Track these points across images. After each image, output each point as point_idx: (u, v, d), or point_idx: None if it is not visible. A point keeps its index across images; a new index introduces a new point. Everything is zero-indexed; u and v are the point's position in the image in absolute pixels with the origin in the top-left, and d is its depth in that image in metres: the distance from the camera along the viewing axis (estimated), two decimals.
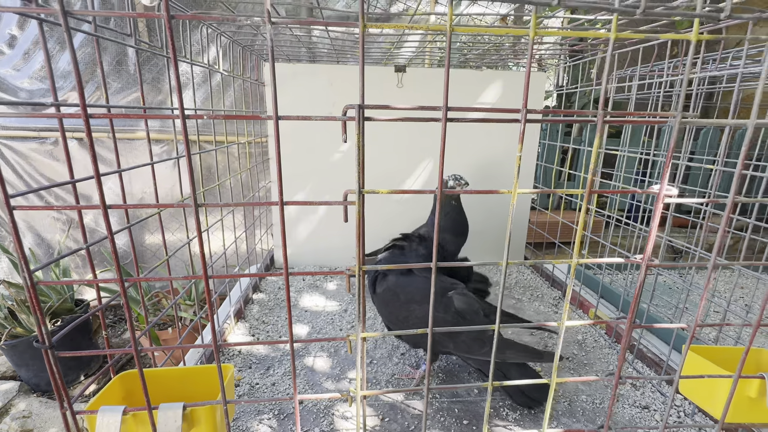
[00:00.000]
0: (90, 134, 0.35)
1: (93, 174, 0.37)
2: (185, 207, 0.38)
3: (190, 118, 0.36)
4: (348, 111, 0.38)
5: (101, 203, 0.37)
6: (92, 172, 0.37)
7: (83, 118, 0.35)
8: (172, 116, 0.37)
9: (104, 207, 0.37)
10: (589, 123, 0.38)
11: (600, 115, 0.39)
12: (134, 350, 0.42)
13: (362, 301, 0.44)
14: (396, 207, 1.53)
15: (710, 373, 0.56)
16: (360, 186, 0.39)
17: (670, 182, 0.43)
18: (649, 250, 0.44)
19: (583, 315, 1.23)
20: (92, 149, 0.36)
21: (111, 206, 0.37)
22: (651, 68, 1.06)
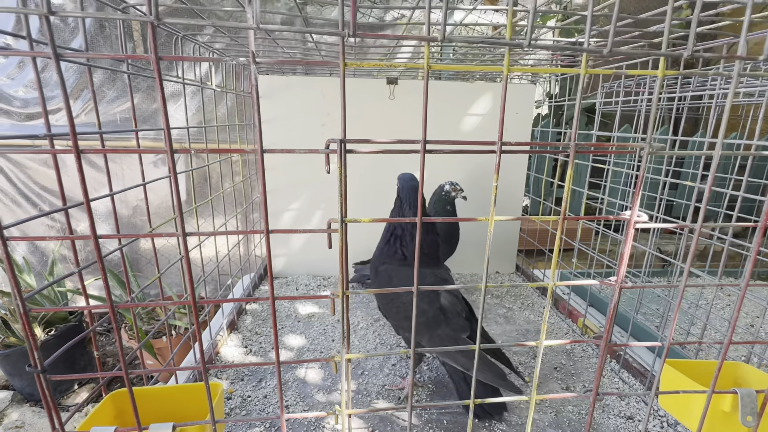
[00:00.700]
0: (81, 168, 0.37)
1: (96, 197, 0.39)
2: (174, 236, 0.40)
3: (179, 152, 0.38)
4: (330, 144, 0.40)
5: (92, 232, 0.38)
6: (94, 184, 0.39)
7: (74, 155, 0.36)
8: (162, 150, 0.38)
9: (95, 237, 0.38)
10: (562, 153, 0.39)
11: (572, 146, 0.41)
12: (124, 372, 0.43)
13: (347, 323, 0.45)
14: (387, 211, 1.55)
15: (686, 387, 0.58)
16: (342, 216, 0.40)
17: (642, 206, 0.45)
18: (622, 274, 0.46)
19: (572, 324, 1.25)
20: (83, 182, 0.37)
21: (102, 236, 0.39)
22: (637, 82, 1.08)
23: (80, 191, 0.50)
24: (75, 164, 0.37)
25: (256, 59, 0.35)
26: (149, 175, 0.72)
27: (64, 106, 0.36)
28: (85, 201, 0.39)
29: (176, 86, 1.83)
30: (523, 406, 0.88)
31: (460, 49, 1.28)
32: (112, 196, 0.58)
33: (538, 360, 0.49)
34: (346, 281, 0.43)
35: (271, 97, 1.37)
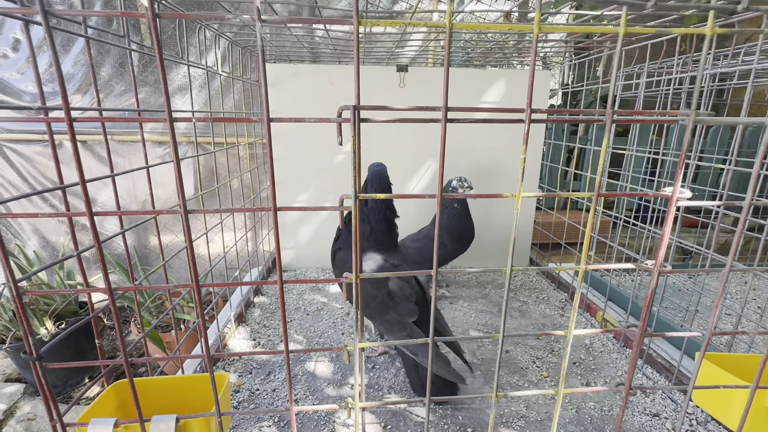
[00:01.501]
0: (74, 138, 0.34)
1: (94, 178, 0.36)
2: (175, 213, 0.37)
3: (178, 121, 0.35)
4: (343, 112, 0.36)
5: (87, 210, 0.36)
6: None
7: (67, 122, 0.34)
8: (161, 120, 0.35)
9: (90, 214, 0.36)
10: (597, 123, 0.36)
11: (609, 114, 0.37)
12: (124, 361, 0.41)
13: (360, 309, 0.42)
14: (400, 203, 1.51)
15: (725, 382, 0.54)
16: (356, 191, 0.37)
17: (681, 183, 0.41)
18: (661, 256, 0.42)
19: (590, 318, 1.20)
20: (76, 154, 0.34)
21: (97, 213, 0.36)
22: (660, 65, 1.03)
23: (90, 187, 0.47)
24: (81, 152, 0.34)
25: (262, 17, 0.32)
26: (157, 168, 0.70)
27: (56, 74, 0.34)
28: (80, 179, 0.36)
29: (185, 80, 1.81)
30: (542, 402, 0.85)
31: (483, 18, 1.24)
32: (113, 177, 0.55)
33: (567, 350, 0.46)
34: (360, 263, 0.40)
35: (279, 85, 1.34)
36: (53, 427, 0.42)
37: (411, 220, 1.52)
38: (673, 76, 0.90)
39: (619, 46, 0.36)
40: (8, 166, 1.96)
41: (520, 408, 0.82)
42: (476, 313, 1.23)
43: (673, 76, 0.91)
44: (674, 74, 0.91)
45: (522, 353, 1.02)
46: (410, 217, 1.52)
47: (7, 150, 1.95)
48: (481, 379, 0.92)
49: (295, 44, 1.28)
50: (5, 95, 1.90)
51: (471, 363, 0.98)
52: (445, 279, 1.48)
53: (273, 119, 0.36)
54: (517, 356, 1.01)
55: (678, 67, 0.91)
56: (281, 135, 1.40)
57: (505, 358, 1.00)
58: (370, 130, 1.36)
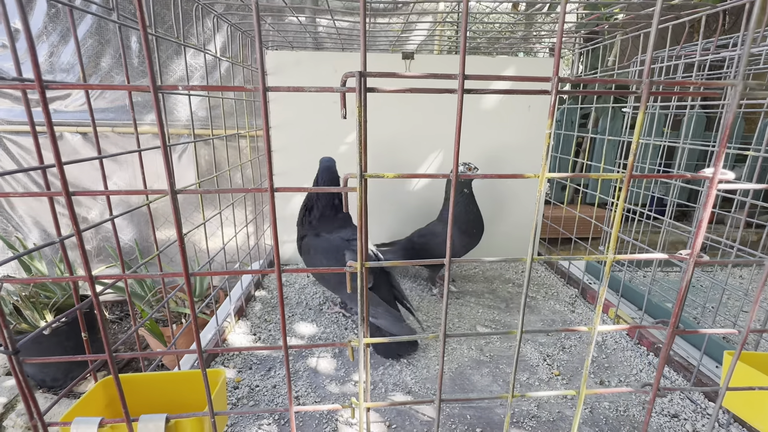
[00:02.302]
0: (46, 107, 0.30)
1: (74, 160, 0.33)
2: (162, 193, 0.33)
3: (162, 91, 0.31)
4: (347, 80, 0.33)
5: (63, 190, 0.32)
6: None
7: (38, 90, 0.30)
8: (145, 88, 0.32)
9: (67, 194, 0.32)
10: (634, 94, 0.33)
11: (645, 84, 0.33)
12: (108, 356, 0.38)
13: (365, 301, 0.39)
14: (407, 197, 1.48)
15: (758, 383, 0.50)
16: (361, 169, 0.33)
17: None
18: (698, 245, 0.38)
19: (602, 314, 1.16)
20: (50, 127, 0.31)
21: (75, 193, 0.33)
22: (679, 50, 0.98)
23: (85, 178, 0.43)
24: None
25: None
26: (156, 162, 0.66)
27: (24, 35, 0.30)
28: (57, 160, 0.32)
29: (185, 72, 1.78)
30: (553, 401, 0.81)
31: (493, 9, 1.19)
32: (101, 159, 0.52)
33: (591, 348, 0.42)
34: (366, 251, 0.36)
35: (280, 73, 1.30)
36: (33, 427, 0.39)
37: (418, 212, 1.48)
38: (696, 60, 0.86)
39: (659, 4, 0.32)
40: (8, 158, 1.94)
41: (531, 407, 0.79)
42: (483, 308, 1.19)
43: (695, 59, 0.86)
44: (696, 58, 0.86)
45: (531, 350, 0.98)
46: (418, 209, 1.48)
47: (8, 141, 1.93)
48: (489, 377, 0.88)
49: (297, 32, 1.24)
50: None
51: (479, 360, 0.94)
52: (450, 274, 1.44)
53: (269, 88, 0.32)
54: (527, 353, 0.97)
55: (700, 49, 0.87)
56: (284, 125, 1.37)
57: (514, 355, 0.97)
58: (378, 114, 1.32)
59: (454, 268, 1.48)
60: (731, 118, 0.35)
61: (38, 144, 0.42)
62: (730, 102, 0.34)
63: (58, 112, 1.89)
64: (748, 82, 0.34)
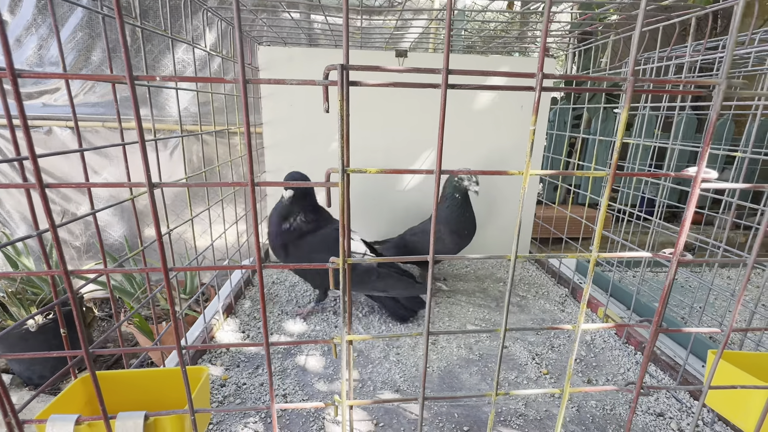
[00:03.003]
0: (19, 98, 0.30)
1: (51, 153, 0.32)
2: (137, 186, 0.33)
3: (138, 81, 0.31)
4: (330, 73, 0.32)
5: (37, 183, 0.31)
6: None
7: (10, 79, 0.29)
8: (121, 78, 0.31)
9: (41, 186, 0.31)
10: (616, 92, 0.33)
11: (629, 81, 0.33)
12: (85, 352, 0.37)
13: (348, 297, 0.38)
14: (399, 197, 1.47)
15: (741, 382, 0.50)
16: (343, 164, 0.33)
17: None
18: (681, 244, 0.38)
19: (591, 314, 1.17)
20: (23, 116, 0.30)
21: (49, 185, 0.32)
22: (669, 51, 0.99)
23: (76, 173, 0.42)
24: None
25: None
26: (149, 158, 0.65)
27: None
28: (30, 153, 0.32)
29: (177, 65, 1.76)
30: (541, 400, 0.81)
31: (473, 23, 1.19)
32: (81, 152, 0.51)
33: (575, 347, 0.42)
34: (348, 247, 0.36)
35: (272, 69, 1.29)
36: (7, 425, 0.38)
37: (409, 212, 1.48)
38: (685, 61, 0.86)
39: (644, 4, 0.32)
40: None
41: (518, 406, 0.79)
42: (474, 307, 1.19)
43: (685, 60, 0.86)
44: (686, 59, 0.87)
45: (521, 349, 0.98)
46: (408, 210, 1.48)
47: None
48: (478, 376, 0.88)
49: (292, 29, 1.23)
50: None
51: (468, 358, 0.94)
52: (442, 272, 1.44)
53: (250, 80, 0.31)
54: (516, 352, 0.97)
55: (690, 51, 0.87)
56: (275, 122, 1.36)
57: (504, 354, 0.97)
58: (368, 113, 1.31)
59: (445, 267, 1.48)
60: (715, 116, 0.35)
61: (14, 135, 0.41)
62: (714, 102, 0.34)
63: (48, 107, 1.86)
64: (732, 81, 0.34)
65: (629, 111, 1.18)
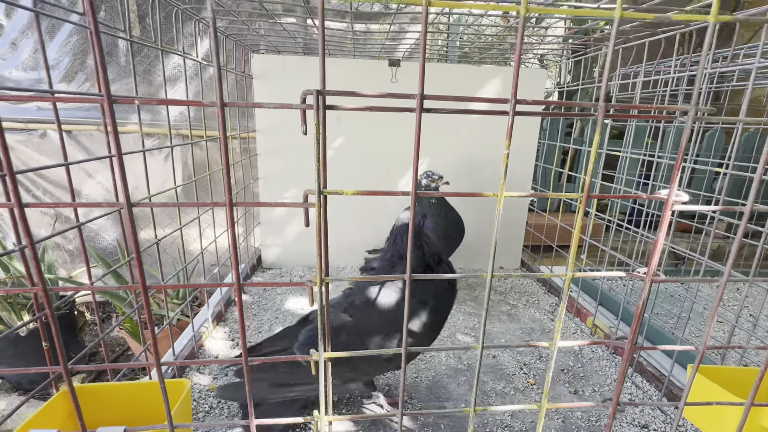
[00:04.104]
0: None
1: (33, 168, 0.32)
2: (116, 207, 0.33)
3: (118, 103, 0.31)
4: (306, 98, 0.33)
5: (16, 202, 0.32)
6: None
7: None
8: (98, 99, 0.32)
9: (20, 206, 0.32)
10: (588, 117, 0.33)
11: (601, 107, 0.34)
12: (63, 368, 0.37)
13: (326, 316, 0.39)
14: (388, 210, 1.48)
15: (719, 398, 0.51)
16: (320, 186, 0.33)
17: None
18: (654, 264, 0.39)
19: (580, 323, 1.17)
20: (2, 137, 0.30)
21: (28, 204, 0.32)
22: (656, 65, 1.00)
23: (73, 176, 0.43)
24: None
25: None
26: (140, 161, 0.66)
27: None
28: (7, 168, 0.32)
29: (173, 70, 1.77)
30: (527, 411, 0.81)
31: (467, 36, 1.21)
32: (66, 166, 0.51)
33: (551, 364, 0.42)
34: (326, 266, 0.37)
35: (266, 77, 1.30)
36: None
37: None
38: (670, 76, 0.87)
39: (614, 30, 0.33)
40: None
41: (504, 417, 0.79)
42: (464, 315, 1.20)
43: (670, 75, 0.88)
44: (672, 74, 0.88)
45: (509, 359, 0.99)
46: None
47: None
48: (466, 386, 0.89)
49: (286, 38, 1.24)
50: None
51: (456, 368, 0.95)
52: None
53: (227, 104, 0.32)
54: (504, 362, 0.98)
55: (676, 67, 0.88)
56: (269, 129, 1.36)
57: (492, 364, 0.97)
58: (353, 128, 1.32)
59: None
60: (684, 141, 0.35)
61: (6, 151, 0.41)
62: (684, 125, 0.35)
63: (42, 110, 1.86)
64: (699, 108, 0.35)
65: (618, 122, 1.19)
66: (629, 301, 1.09)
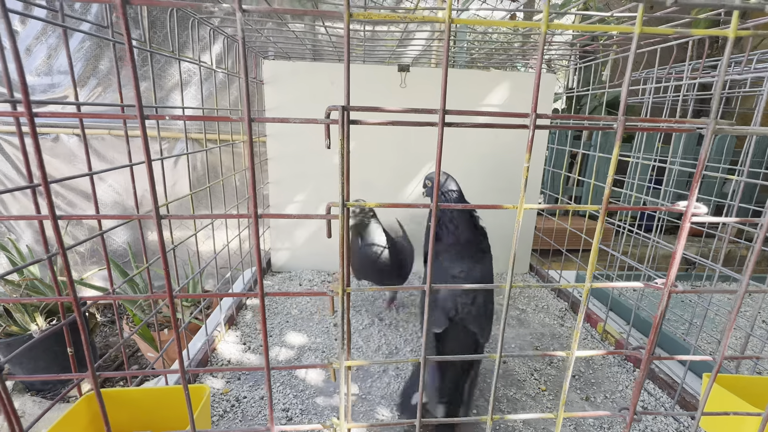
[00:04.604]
0: (35, 133, 0.31)
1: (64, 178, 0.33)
2: (146, 218, 0.34)
3: (150, 119, 0.32)
4: (331, 113, 0.34)
5: (50, 214, 0.33)
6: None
7: (27, 117, 0.31)
8: (132, 116, 0.33)
9: (54, 218, 0.33)
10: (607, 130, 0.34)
11: (620, 121, 0.34)
12: (92, 375, 0.38)
13: (347, 325, 0.39)
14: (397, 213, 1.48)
15: (735, 407, 0.51)
16: (343, 198, 0.34)
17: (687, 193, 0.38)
18: (673, 275, 0.39)
19: (590, 329, 1.17)
20: (38, 153, 0.31)
21: (61, 217, 0.33)
22: (668, 71, 1.00)
23: (81, 180, 0.44)
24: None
25: (243, 6, 0.29)
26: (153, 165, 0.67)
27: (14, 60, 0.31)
28: (43, 180, 0.33)
29: (185, 74, 1.79)
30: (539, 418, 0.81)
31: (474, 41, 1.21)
32: (91, 176, 0.52)
33: (567, 373, 0.43)
34: (348, 277, 0.37)
35: (276, 83, 1.31)
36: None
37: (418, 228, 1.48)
38: (682, 83, 0.87)
39: (634, 47, 0.33)
40: (3, 159, 1.94)
41: (517, 423, 0.79)
42: None
43: (682, 82, 0.87)
44: (684, 80, 0.88)
45: (520, 365, 0.99)
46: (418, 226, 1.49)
47: (3, 143, 1.93)
48: (476, 392, 0.89)
49: (295, 41, 1.25)
50: (2, 87, 1.88)
51: None
52: None
53: (254, 119, 0.33)
54: (515, 368, 0.98)
55: (688, 72, 0.88)
56: (279, 134, 1.38)
57: (502, 369, 0.97)
58: (363, 131, 1.33)
59: None
60: (704, 155, 0.36)
61: (28, 163, 0.42)
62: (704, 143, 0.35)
63: None
64: (719, 121, 0.35)
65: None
66: (640, 306, 1.08)
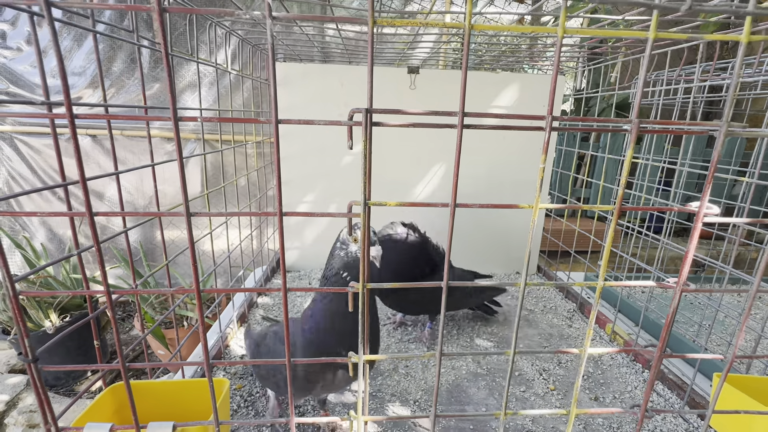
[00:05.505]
0: (75, 135, 0.33)
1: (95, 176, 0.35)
2: (177, 216, 0.36)
3: (183, 121, 0.34)
4: (354, 115, 0.35)
5: (87, 211, 0.34)
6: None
7: (68, 119, 0.32)
8: (166, 118, 0.34)
9: (90, 215, 0.34)
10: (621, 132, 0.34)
11: (633, 123, 0.35)
12: (121, 366, 0.40)
13: (366, 319, 0.41)
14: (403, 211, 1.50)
15: (746, 407, 0.51)
16: (366, 197, 0.35)
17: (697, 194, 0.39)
18: (685, 274, 0.40)
19: (599, 330, 1.17)
20: (77, 152, 0.33)
21: (98, 213, 0.35)
22: (679, 73, 1.00)
23: (97, 181, 0.46)
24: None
25: (273, 14, 0.30)
26: (164, 164, 0.69)
27: (58, 69, 0.32)
28: (81, 178, 0.35)
29: (195, 76, 1.82)
30: (548, 416, 0.82)
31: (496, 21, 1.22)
32: (117, 175, 0.54)
33: (580, 370, 0.44)
34: (368, 273, 0.39)
35: (288, 85, 1.33)
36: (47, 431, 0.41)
37: None
38: (693, 85, 0.88)
39: (648, 52, 0.34)
40: (19, 159, 1.98)
41: (526, 422, 0.80)
42: (482, 321, 1.21)
43: (693, 84, 0.88)
44: (694, 82, 0.88)
45: (528, 364, 1.00)
46: None
47: (19, 142, 1.97)
48: (486, 390, 0.90)
49: (306, 44, 1.27)
50: (18, 88, 1.92)
51: (476, 372, 0.96)
52: None
53: (281, 120, 0.34)
54: (523, 367, 0.99)
55: (699, 74, 0.89)
56: (288, 135, 1.39)
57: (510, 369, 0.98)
58: (376, 132, 1.35)
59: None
60: (716, 157, 0.37)
61: (61, 163, 0.44)
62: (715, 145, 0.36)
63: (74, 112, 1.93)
64: (731, 123, 0.36)
65: None
66: (648, 308, 1.08)
